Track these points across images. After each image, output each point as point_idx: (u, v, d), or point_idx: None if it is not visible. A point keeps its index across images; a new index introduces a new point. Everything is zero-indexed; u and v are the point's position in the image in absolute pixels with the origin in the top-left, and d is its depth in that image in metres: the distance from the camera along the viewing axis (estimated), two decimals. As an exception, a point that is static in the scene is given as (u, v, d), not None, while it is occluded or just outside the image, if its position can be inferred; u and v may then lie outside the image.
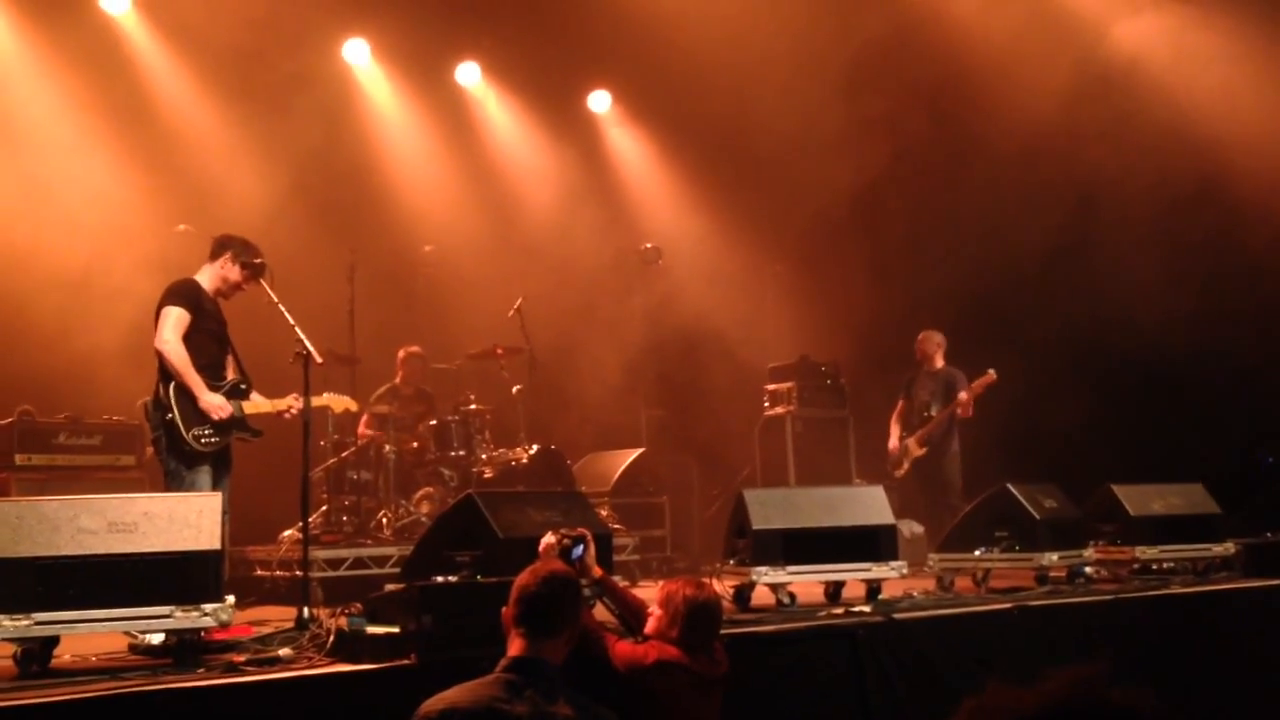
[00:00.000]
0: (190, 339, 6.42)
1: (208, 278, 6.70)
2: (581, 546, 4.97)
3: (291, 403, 6.58)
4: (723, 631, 5.30)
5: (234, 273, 6.67)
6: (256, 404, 6.64)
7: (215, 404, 6.39)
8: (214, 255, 6.72)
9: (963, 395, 9.63)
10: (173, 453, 6.33)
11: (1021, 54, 10.15)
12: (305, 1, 10.50)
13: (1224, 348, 9.63)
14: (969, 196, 10.94)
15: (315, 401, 6.61)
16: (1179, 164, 9.67)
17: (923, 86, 10.83)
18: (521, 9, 11.39)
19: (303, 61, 10.96)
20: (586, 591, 5.04)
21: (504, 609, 3.80)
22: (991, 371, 9.58)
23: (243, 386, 6.67)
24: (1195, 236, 9.81)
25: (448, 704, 3.46)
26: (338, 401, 7.30)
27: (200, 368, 6.42)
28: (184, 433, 6.29)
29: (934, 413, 9.86)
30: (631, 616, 4.98)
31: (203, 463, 6.34)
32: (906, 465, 9.96)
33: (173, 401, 6.32)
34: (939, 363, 9.99)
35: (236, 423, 6.50)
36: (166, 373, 6.38)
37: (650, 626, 4.65)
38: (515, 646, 3.68)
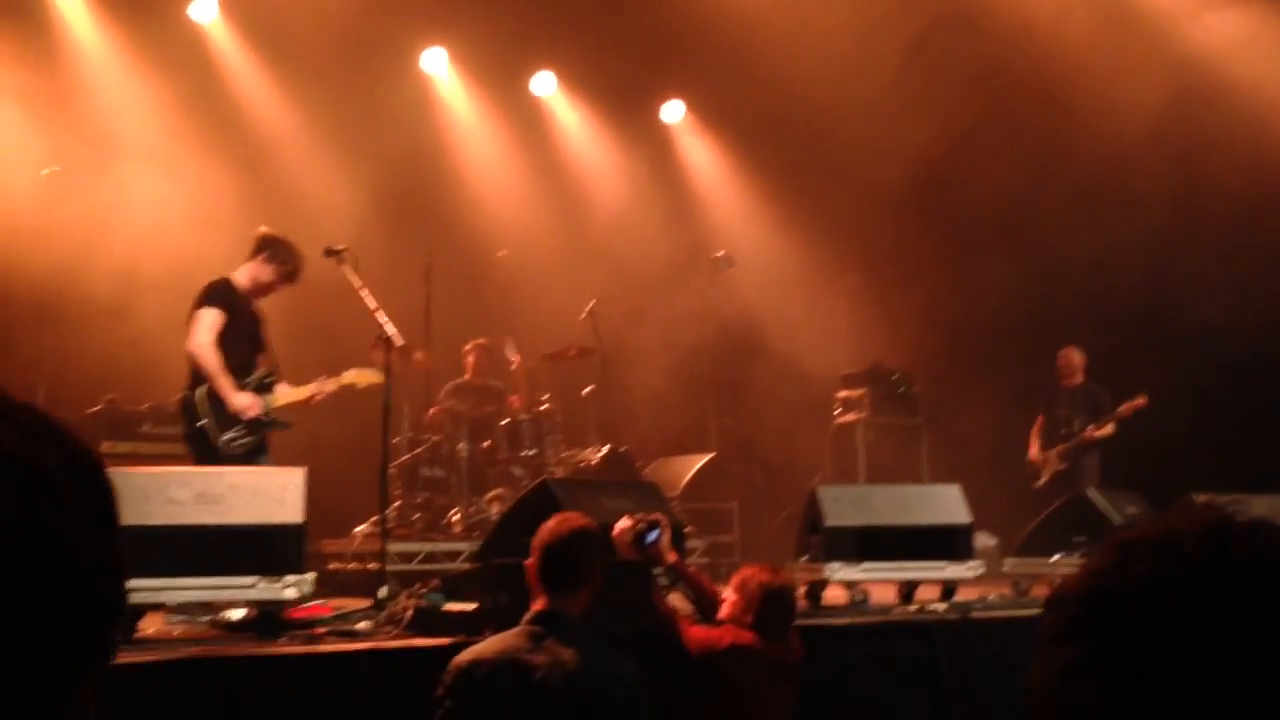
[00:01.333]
0: (223, 340, 6.41)
1: (244, 275, 6.73)
2: (656, 531, 4.99)
3: (318, 388, 6.57)
4: (796, 623, 5.28)
5: (266, 273, 6.70)
6: (285, 395, 6.65)
7: (245, 404, 6.40)
8: (252, 253, 6.74)
9: (1107, 428, 9.56)
10: (203, 458, 6.30)
11: (1108, 60, 10.05)
12: (384, 11, 10.73)
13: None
14: (1048, 203, 10.82)
15: (338, 382, 6.62)
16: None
17: (1004, 91, 10.72)
18: (597, 20, 11.50)
19: (383, 69, 11.19)
20: (662, 579, 5.06)
21: (528, 561, 3.85)
22: (1143, 396, 9.43)
23: (268, 380, 6.67)
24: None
25: (475, 655, 3.64)
26: (362, 377, 6.87)
27: (232, 369, 6.43)
28: (215, 440, 6.31)
29: (1077, 429, 9.76)
30: (706, 602, 4.98)
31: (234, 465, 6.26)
32: (1046, 478, 9.84)
33: (205, 407, 6.34)
34: (1079, 379, 9.90)
35: (267, 419, 6.54)
36: (197, 376, 6.39)
37: (724, 611, 4.64)
38: (539, 601, 3.79)
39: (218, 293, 6.50)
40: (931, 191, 11.37)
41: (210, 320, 6.39)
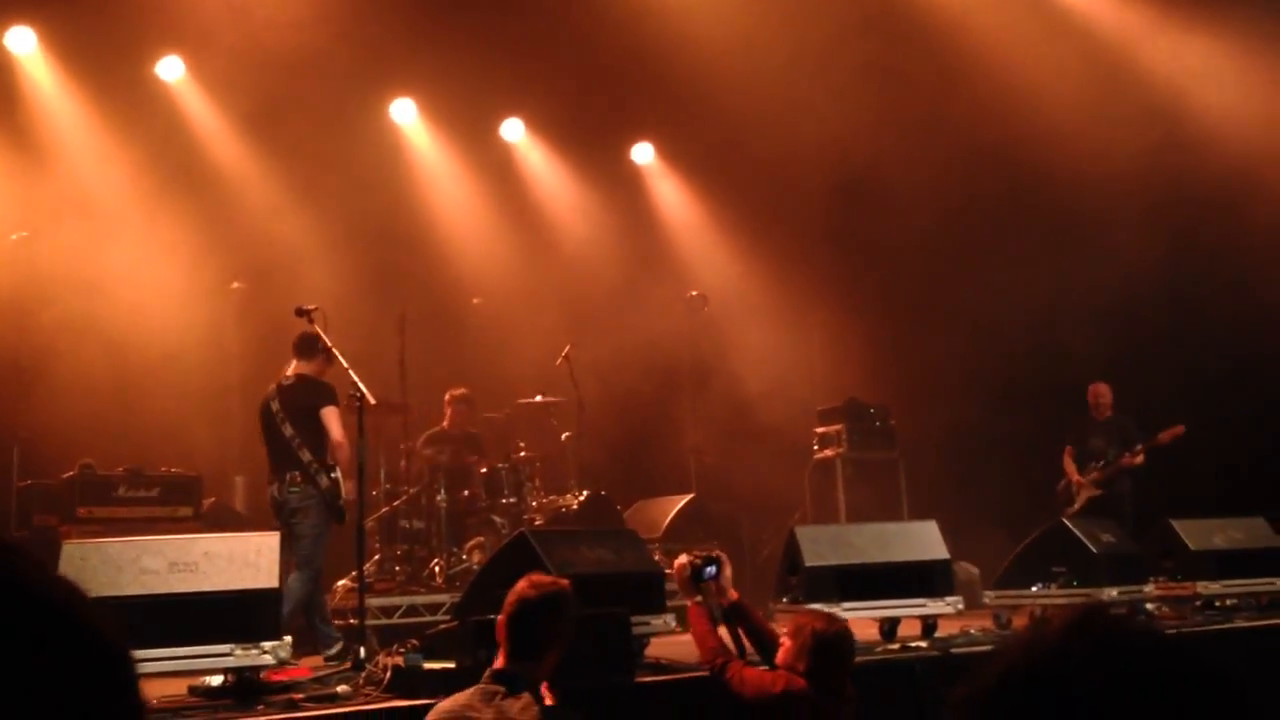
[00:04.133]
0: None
1: (318, 374, 7.50)
2: (714, 567, 5.03)
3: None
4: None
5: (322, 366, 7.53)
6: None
7: (350, 489, 7.27)
8: (311, 352, 7.43)
9: (1139, 456, 9.78)
10: (330, 521, 7.24)
11: (1081, 103, 10.25)
12: (352, 64, 10.78)
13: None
14: (1015, 241, 10.93)
15: None
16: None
17: (980, 135, 10.85)
18: (563, 66, 11.59)
19: (352, 122, 11.24)
20: (716, 613, 5.04)
21: (499, 618, 3.86)
22: (1180, 426, 9.61)
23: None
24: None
25: (435, 712, 3.73)
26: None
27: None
28: (338, 516, 7.28)
29: (1112, 457, 9.96)
30: (765, 642, 5.02)
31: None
32: (1080, 503, 9.95)
33: (338, 489, 7.28)
34: (1109, 412, 10.15)
35: None
36: (323, 460, 7.23)
37: (780, 656, 4.66)
38: (500, 659, 3.84)
39: (334, 392, 7.38)
40: (903, 228, 11.47)
41: (340, 416, 7.31)
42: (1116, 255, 10.23)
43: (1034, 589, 7.37)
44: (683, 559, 4.98)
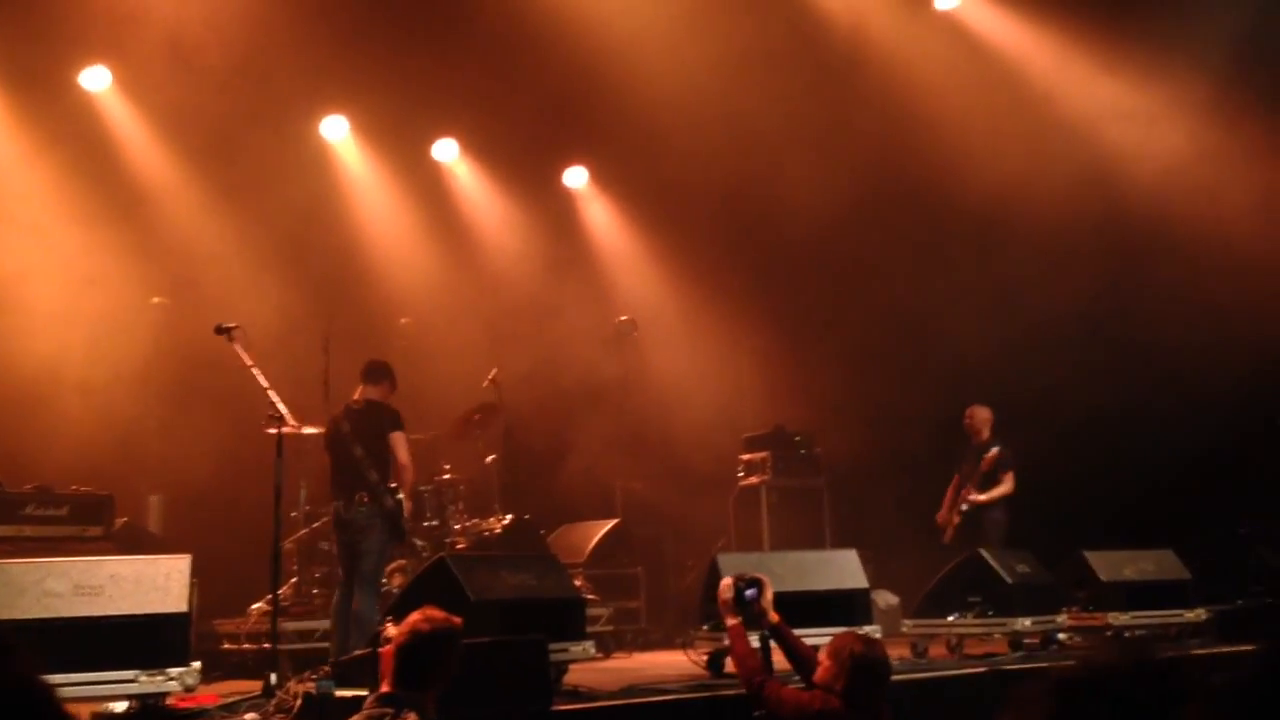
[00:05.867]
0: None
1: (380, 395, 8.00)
2: (755, 589, 5.22)
3: None
4: (694, 695, 5.31)
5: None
6: None
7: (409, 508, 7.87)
8: (379, 377, 8.08)
9: (999, 489, 9.62)
10: (393, 540, 7.74)
11: (997, 134, 10.50)
12: (284, 79, 10.66)
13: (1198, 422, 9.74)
14: (941, 273, 11.13)
15: None
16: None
17: (910, 166, 11.03)
18: (498, 87, 11.58)
19: (281, 137, 11.10)
20: (755, 639, 5.13)
21: (383, 649, 3.90)
22: (993, 450, 9.57)
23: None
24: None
25: None
26: None
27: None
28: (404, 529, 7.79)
29: (971, 485, 9.85)
30: (804, 662, 5.12)
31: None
32: (949, 533, 9.89)
33: (402, 505, 7.72)
34: (985, 436, 9.92)
35: None
36: (388, 481, 7.64)
37: (818, 675, 4.74)
38: (385, 683, 3.87)
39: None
40: (832, 256, 11.61)
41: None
42: (1037, 287, 10.47)
43: (950, 618, 7.47)
44: (727, 580, 5.22)
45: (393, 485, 7.66)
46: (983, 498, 9.53)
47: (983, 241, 10.92)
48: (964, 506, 9.69)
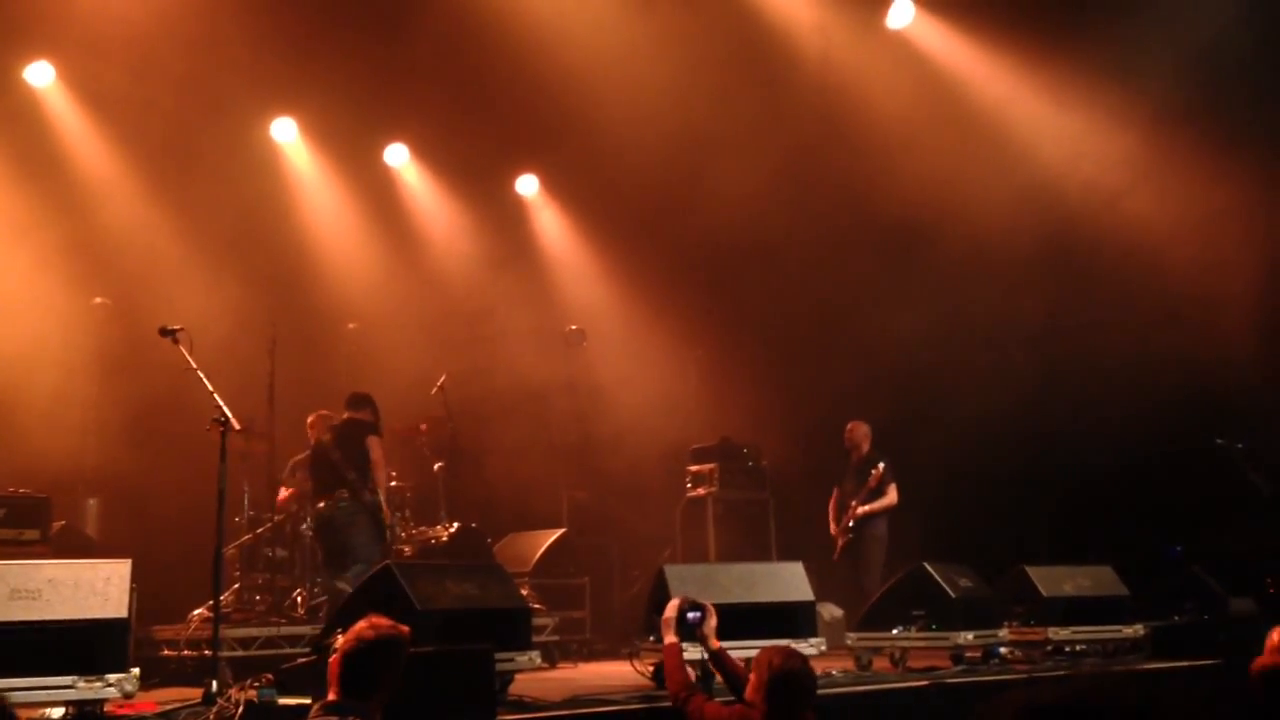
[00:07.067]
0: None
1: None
2: (699, 613, 5.44)
3: None
4: (637, 706, 5.32)
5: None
6: None
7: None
8: (362, 405, 8.59)
9: (881, 501, 9.76)
10: (378, 543, 8.19)
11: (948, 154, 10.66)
12: (234, 79, 10.55)
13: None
14: (888, 286, 11.24)
15: None
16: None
17: (857, 185, 11.15)
18: (450, 94, 11.55)
19: (229, 138, 10.98)
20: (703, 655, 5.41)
21: (331, 659, 3.87)
22: (879, 465, 9.72)
23: None
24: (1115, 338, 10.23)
25: None
26: None
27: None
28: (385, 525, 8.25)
29: (856, 499, 9.93)
30: (740, 685, 5.15)
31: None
32: (838, 551, 9.97)
33: (381, 503, 8.25)
34: (865, 450, 10.09)
35: None
36: (368, 483, 8.21)
37: (747, 692, 4.73)
38: (332, 691, 3.87)
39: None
40: (778, 270, 11.70)
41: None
42: (980, 303, 10.63)
43: (895, 631, 7.53)
44: (675, 601, 5.43)
45: (373, 485, 8.21)
46: (867, 509, 9.75)
47: (928, 258, 11.05)
48: (850, 522, 9.83)
